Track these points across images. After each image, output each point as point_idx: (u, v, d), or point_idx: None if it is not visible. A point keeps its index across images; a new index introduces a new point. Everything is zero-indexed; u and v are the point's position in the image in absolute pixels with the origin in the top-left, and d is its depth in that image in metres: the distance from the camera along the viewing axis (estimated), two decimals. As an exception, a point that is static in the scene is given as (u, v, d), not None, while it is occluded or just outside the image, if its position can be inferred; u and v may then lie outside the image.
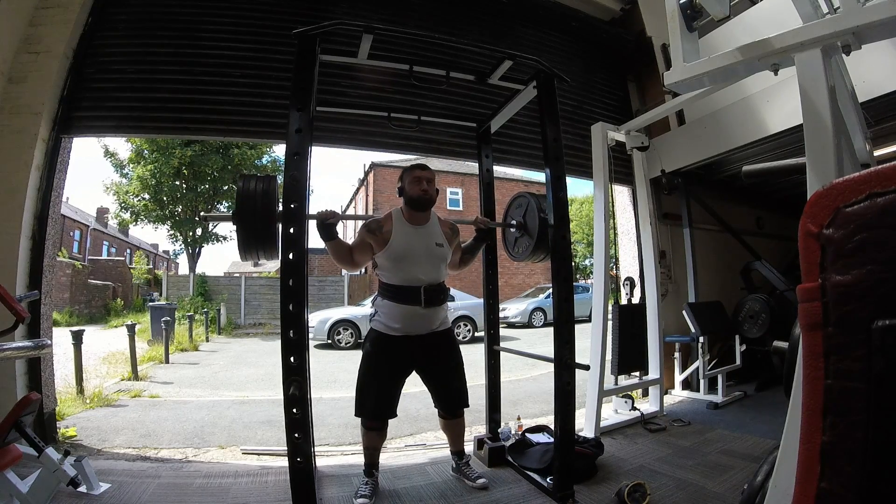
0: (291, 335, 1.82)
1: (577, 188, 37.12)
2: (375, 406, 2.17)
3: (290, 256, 1.84)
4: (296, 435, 1.82)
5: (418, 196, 2.18)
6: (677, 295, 4.35)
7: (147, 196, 15.19)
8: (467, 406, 2.35)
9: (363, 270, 15.39)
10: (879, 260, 0.35)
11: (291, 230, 1.85)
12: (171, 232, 16.74)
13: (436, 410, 2.39)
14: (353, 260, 2.21)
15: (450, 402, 2.32)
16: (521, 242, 2.76)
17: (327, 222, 2.09)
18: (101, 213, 25.23)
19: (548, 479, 2.30)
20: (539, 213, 2.57)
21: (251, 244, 1.95)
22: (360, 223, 2.36)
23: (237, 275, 18.96)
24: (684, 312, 4.06)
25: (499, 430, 2.82)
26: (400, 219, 2.22)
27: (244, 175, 2.04)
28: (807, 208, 0.40)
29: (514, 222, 2.74)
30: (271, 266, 25.75)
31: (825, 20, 1.60)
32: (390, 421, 2.25)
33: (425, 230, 2.22)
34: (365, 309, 8.81)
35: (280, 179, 2.04)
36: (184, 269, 22.01)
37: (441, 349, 2.25)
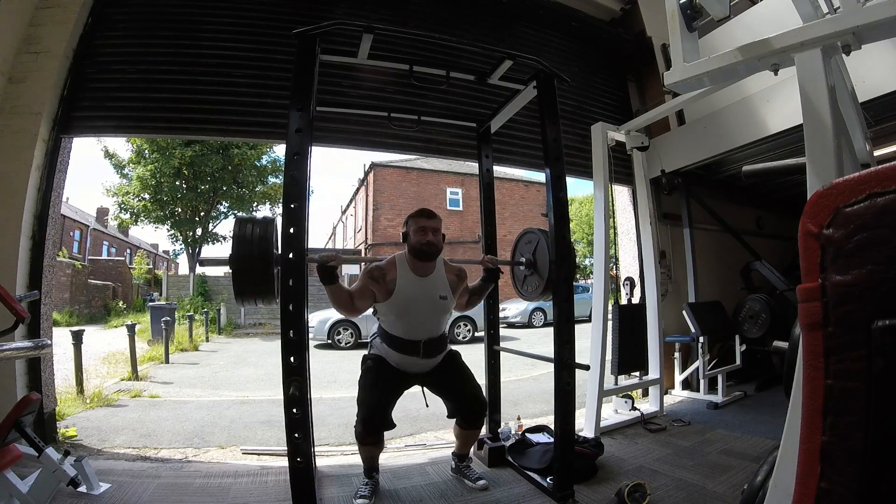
0: (291, 335, 1.82)
1: (577, 188, 37.24)
2: (371, 416, 2.08)
3: (290, 256, 1.84)
4: (296, 435, 1.82)
5: (422, 247, 2.10)
6: (677, 295, 4.35)
7: (147, 196, 15.18)
8: (486, 412, 2.31)
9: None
10: (879, 260, 0.35)
11: (291, 230, 1.84)
12: (171, 232, 16.76)
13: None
14: (354, 306, 2.11)
15: (467, 407, 2.24)
16: (530, 281, 2.65)
17: (329, 265, 2.00)
18: (101, 213, 25.21)
19: (548, 479, 2.30)
20: (549, 253, 2.43)
21: (248, 293, 1.87)
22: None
23: (237, 275, 18.88)
24: (684, 312, 4.06)
25: (499, 430, 2.83)
26: (404, 267, 2.15)
27: (240, 218, 1.93)
28: (807, 208, 0.40)
29: (522, 260, 2.64)
30: (271, 266, 25.66)
31: (825, 20, 1.60)
32: None
33: (430, 281, 2.16)
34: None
35: (278, 222, 1.96)
36: (184, 269, 22.01)
37: (445, 366, 2.26)
